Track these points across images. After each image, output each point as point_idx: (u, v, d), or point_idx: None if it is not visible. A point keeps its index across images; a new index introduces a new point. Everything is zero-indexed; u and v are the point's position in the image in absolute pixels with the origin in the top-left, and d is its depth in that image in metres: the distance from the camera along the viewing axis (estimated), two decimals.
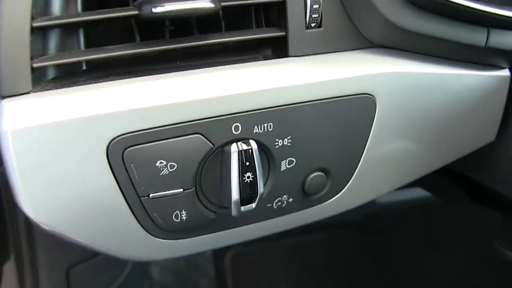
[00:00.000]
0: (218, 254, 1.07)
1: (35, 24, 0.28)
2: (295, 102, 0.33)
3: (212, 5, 0.29)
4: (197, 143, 0.31)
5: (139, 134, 0.29)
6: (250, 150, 0.32)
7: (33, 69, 0.28)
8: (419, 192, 0.67)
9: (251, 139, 0.33)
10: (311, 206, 0.38)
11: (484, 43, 0.38)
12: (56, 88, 0.29)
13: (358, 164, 0.38)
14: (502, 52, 0.37)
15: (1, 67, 0.28)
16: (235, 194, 0.32)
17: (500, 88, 0.40)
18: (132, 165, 0.29)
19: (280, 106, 0.33)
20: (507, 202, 0.48)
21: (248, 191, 0.33)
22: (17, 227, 0.58)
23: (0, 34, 0.27)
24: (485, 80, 0.39)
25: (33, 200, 0.29)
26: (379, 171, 0.38)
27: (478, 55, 0.36)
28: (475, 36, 0.38)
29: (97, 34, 0.32)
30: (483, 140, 0.45)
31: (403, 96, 0.36)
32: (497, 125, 0.45)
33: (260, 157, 0.33)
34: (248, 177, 0.32)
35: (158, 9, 0.29)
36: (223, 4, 0.30)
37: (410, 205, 0.84)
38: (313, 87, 0.32)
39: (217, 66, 0.32)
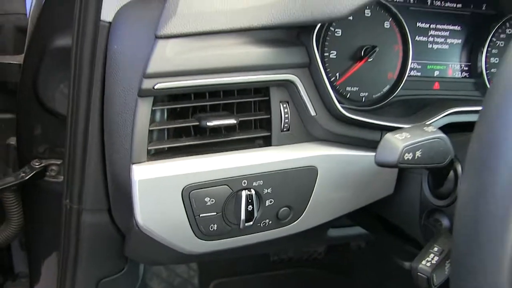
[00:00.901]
0: (203, 283, 1.30)
1: (151, 128, 0.56)
2: (275, 170, 0.59)
3: (235, 121, 0.58)
4: (225, 190, 0.56)
5: (198, 184, 0.55)
6: (251, 195, 0.58)
7: (148, 150, 0.57)
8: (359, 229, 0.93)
9: (252, 188, 0.58)
10: (281, 227, 0.63)
11: (379, 139, 0.66)
12: (156, 159, 0.57)
13: (308, 204, 0.63)
14: None
15: (133, 151, 0.56)
16: (242, 217, 0.58)
17: None
18: (193, 199, 0.56)
19: (267, 172, 0.58)
20: (404, 232, 0.75)
21: (249, 216, 0.58)
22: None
23: (134, 133, 0.56)
24: None
25: (143, 216, 0.57)
26: (321, 208, 0.65)
27: (376, 144, 0.65)
28: (374, 135, 0.67)
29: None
30: (385, 192, 0.68)
31: (333, 167, 0.63)
32: (394, 182, 0.68)
33: (255, 198, 0.59)
34: (250, 208, 0.58)
35: (209, 123, 0.58)
36: (240, 119, 0.59)
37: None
38: (285, 163, 0.59)
39: (235, 150, 0.59)
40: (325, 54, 0.69)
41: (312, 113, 0.60)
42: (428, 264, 0.49)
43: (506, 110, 0.34)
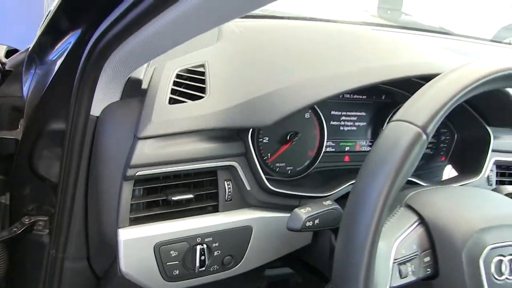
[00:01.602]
0: None
1: (132, 202, 0.78)
2: (221, 229, 0.79)
3: (192, 196, 0.81)
4: (185, 245, 0.76)
5: (165, 241, 0.76)
6: (203, 248, 0.78)
7: (129, 218, 0.79)
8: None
9: (204, 243, 0.78)
10: (226, 270, 0.82)
11: (297, 205, 0.89)
12: (135, 224, 0.80)
13: (245, 253, 0.82)
14: None
15: (119, 219, 0.78)
16: (197, 264, 0.77)
17: None
18: (162, 252, 0.75)
19: (215, 231, 0.78)
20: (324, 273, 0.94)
21: (202, 263, 0.78)
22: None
23: (120, 206, 0.79)
24: None
25: (126, 265, 0.78)
26: (256, 255, 0.84)
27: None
28: (293, 201, 0.91)
29: None
30: (305, 242, 0.88)
31: (264, 225, 0.83)
32: (311, 234, 0.88)
33: (206, 250, 0.79)
34: (202, 258, 0.78)
35: (174, 198, 0.80)
36: (195, 193, 0.82)
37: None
38: (228, 224, 0.79)
39: (192, 216, 0.79)
40: (259, 139, 0.93)
41: (248, 188, 0.83)
42: None
43: (367, 185, 0.57)
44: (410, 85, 0.92)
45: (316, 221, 0.70)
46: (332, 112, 1.02)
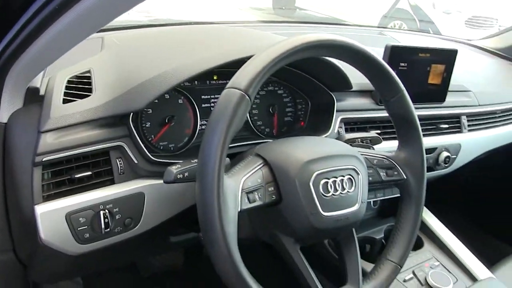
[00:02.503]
0: None
1: (43, 183, 1.00)
2: (119, 197, 0.98)
3: (91, 173, 1.05)
4: (91, 212, 0.95)
5: (74, 210, 0.99)
6: (105, 213, 0.95)
7: (42, 196, 1.01)
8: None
9: (106, 209, 0.96)
10: (129, 230, 0.99)
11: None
12: (48, 201, 1.02)
13: (142, 214, 1.02)
14: None
15: (34, 198, 0.98)
16: (102, 226, 0.94)
17: None
18: (72, 220, 0.96)
19: (114, 199, 0.97)
20: None
21: (107, 226, 0.95)
22: None
23: (33, 188, 1.00)
24: None
25: (45, 233, 0.97)
26: (151, 216, 1.05)
27: None
28: None
29: None
30: (190, 203, 1.16)
31: (154, 190, 1.05)
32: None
33: (109, 215, 0.96)
34: (106, 220, 0.97)
35: (76, 176, 1.04)
36: (94, 171, 1.06)
37: None
38: (124, 192, 1.00)
39: (94, 189, 1.01)
40: (143, 125, 1.16)
41: (136, 162, 1.05)
42: None
43: (210, 138, 0.79)
44: None
45: (186, 174, 0.93)
46: (203, 97, 1.23)
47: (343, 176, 0.94)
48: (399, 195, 1.15)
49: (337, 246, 1.08)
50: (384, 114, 1.38)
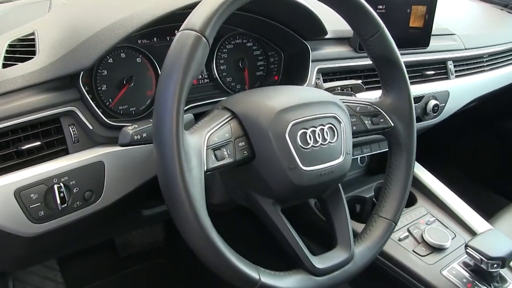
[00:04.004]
0: None
1: None
2: (74, 168, 0.90)
3: (40, 143, 0.96)
4: (43, 187, 0.87)
5: (23, 186, 0.90)
6: (60, 186, 0.87)
7: None
8: None
9: (60, 183, 0.88)
10: (90, 205, 0.92)
11: None
12: None
13: (104, 185, 0.93)
14: None
15: None
16: (58, 202, 0.86)
17: None
18: (22, 197, 0.89)
19: (69, 170, 0.89)
20: None
21: (63, 201, 0.87)
22: None
23: None
24: None
25: None
26: (114, 187, 0.97)
27: None
28: None
29: None
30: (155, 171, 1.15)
31: (114, 158, 0.95)
32: None
33: (65, 188, 0.88)
34: (62, 194, 0.89)
35: (22, 147, 0.95)
36: (44, 141, 0.97)
37: None
38: (80, 162, 0.93)
39: (46, 161, 0.94)
40: (98, 88, 1.08)
41: (91, 127, 0.97)
42: None
43: (165, 86, 0.71)
44: None
45: (144, 135, 0.85)
46: (164, 54, 1.18)
47: (323, 125, 0.88)
48: (387, 149, 1.08)
49: (323, 206, 1.01)
50: (365, 62, 1.32)
